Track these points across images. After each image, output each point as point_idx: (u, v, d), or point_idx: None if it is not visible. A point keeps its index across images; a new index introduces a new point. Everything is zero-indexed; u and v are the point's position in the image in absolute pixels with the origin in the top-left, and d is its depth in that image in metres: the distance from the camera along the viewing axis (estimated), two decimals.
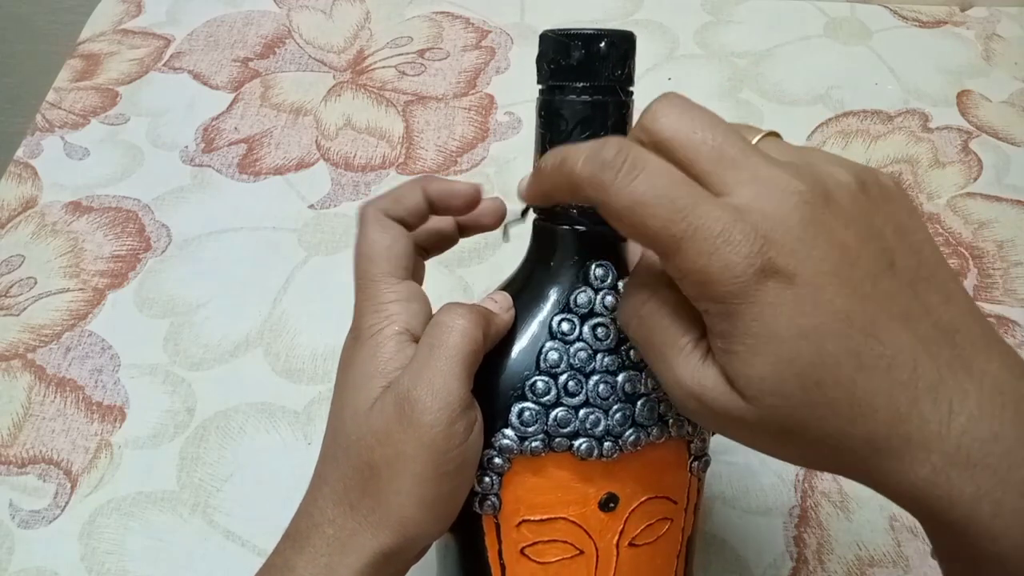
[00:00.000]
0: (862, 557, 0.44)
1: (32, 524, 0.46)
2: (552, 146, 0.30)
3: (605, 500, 0.31)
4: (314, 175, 0.62)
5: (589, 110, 0.31)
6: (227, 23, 0.72)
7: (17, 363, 0.52)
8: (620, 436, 0.31)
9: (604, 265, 0.32)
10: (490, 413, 0.31)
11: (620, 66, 0.31)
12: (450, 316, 0.29)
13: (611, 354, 0.31)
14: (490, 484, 0.31)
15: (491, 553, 0.32)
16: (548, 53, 0.31)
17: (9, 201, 0.60)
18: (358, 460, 0.29)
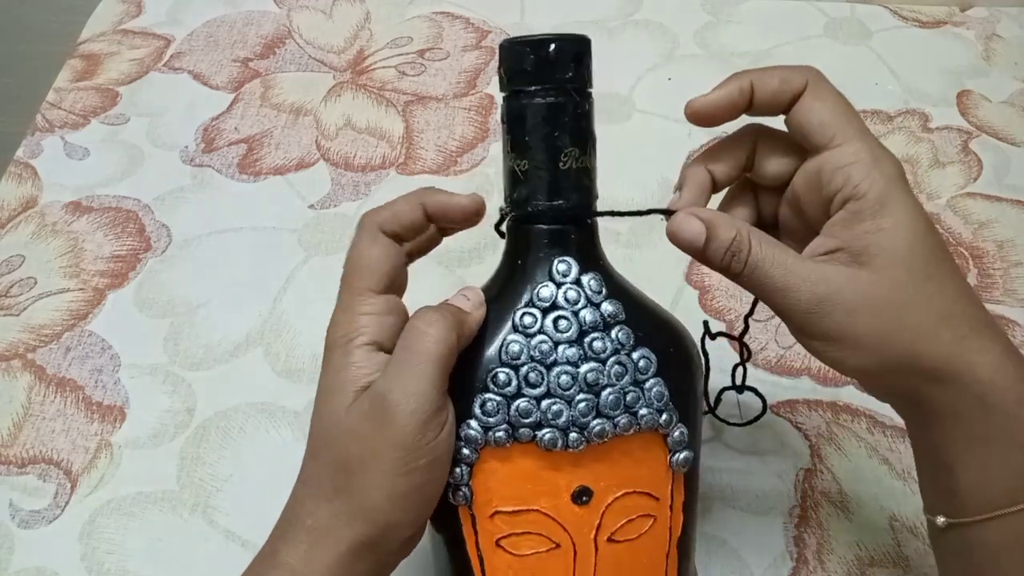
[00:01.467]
0: (862, 557, 0.44)
1: (32, 524, 0.46)
2: (518, 148, 0.33)
3: (578, 492, 0.32)
4: (314, 175, 0.62)
5: (546, 111, 0.32)
6: (227, 23, 0.72)
7: (17, 363, 0.52)
8: (585, 427, 0.32)
9: (566, 261, 0.33)
10: (459, 406, 0.32)
11: (571, 68, 0.32)
12: (424, 322, 0.31)
13: (573, 345, 0.32)
14: (460, 475, 0.32)
15: (469, 544, 0.33)
16: (505, 61, 0.33)
17: (9, 201, 0.60)
18: (334, 459, 0.31)
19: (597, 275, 0.33)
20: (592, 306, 0.32)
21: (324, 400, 0.32)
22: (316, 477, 0.31)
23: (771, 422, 0.49)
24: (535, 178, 0.33)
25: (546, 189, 0.33)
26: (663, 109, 0.65)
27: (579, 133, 0.33)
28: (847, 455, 0.48)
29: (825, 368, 0.51)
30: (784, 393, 0.50)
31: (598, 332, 0.32)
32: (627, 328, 0.33)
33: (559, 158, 0.33)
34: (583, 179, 0.33)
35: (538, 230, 0.33)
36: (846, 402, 0.50)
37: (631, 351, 0.32)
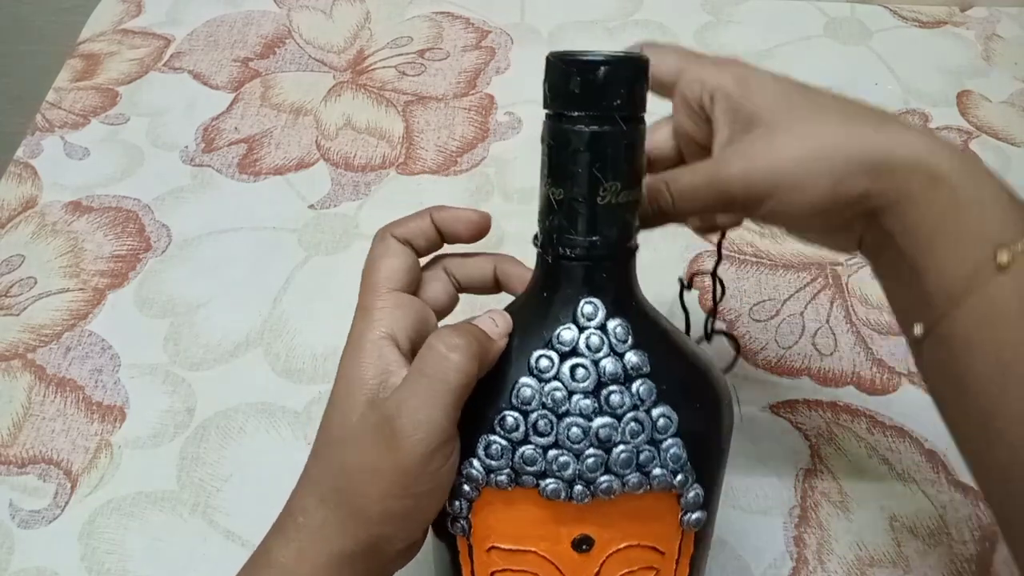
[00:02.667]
0: (862, 557, 0.44)
1: (32, 524, 0.46)
2: (556, 175, 0.30)
3: (578, 540, 0.31)
4: (314, 175, 0.62)
5: (589, 140, 0.29)
6: (227, 23, 0.72)
7: (17, 363, 0.52)
8: (592, 482, 0.30)
9: (593, 303, 0.31)
10: (463, 441, 0.30)
11: (621, 94, 0.29)
12: (447, 345, 0.29)
13: (588, 397, 0.30)
14: (460, 508, 0.31)
15: (465, 571, 0.32)
16: (549, 78, 0.30)
17: (9, 201, 0.60)
18: (336, 462, 0.31)
19: (625, 321, 0.31)
20: (615, 355, 0.30)
21: (334, 403, 0.31)
22: (316, 477, 0.31)
23: (771, 422, 0.49)
24: (570, 210, 0.30)
25: (581, 224, 0.30)
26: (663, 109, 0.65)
27: (624, 165, 0.30)
28: (847, 455, 0.48)
29: (825, 368, 0.51)
30: (784, 393, 0.50)
31: (617, 385, 0.30)
32: (650, 382, 0.30)
33: (598, 192, 0.30)
34: (624, 215, 0.31)
35: (568, 266, 0.31)
36: (846, 402, 0.50)
37: (651, 407, 0.30)
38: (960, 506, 0.46)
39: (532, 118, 0.65)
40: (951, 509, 0.46)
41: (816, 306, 0.54)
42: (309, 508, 0.31)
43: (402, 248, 0.33)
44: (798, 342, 0.53)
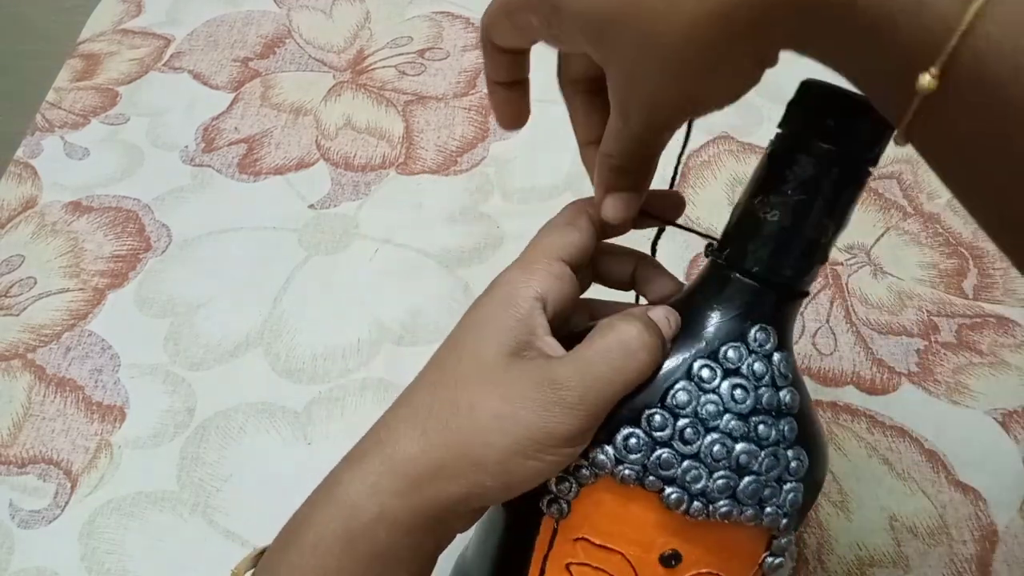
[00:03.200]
0: (862, 557, 0.44)
1: (32, 524, 0.46)
2: (765, 193, 0.29)
3: (668, 556, 0.30)
4: (314, 175, 0.62)
5: (835, 177, 0.29)
6: (227, 23, 0.72)
7: (17, 363, 0.52)
8: (714, 502, 0.29)
9: (767, 330, 0.30)
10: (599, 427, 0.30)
11: (872, 142, 0.29)
12: (636, 342, 0.29)
13: (740, 419, 0.29)
14: (567, 490, 0.30)
15: (537, 554, 0.31)
16: (804, 100, 0.30)
17: (9, 201, 0.60)
18: (460, 397, 0.29)
19: (789, 358, 0.31)
20: (774, 388, 0.30)
21: (470, 337, 0.30)
22: (425, 407, 0.29)
23: None
24: (779, 237, 0.30)
25: (785, 252, 0.30)
26: None
27: (843, 210, 0.30)
28: (847, 455, 0.48)
29: (825, 368, 0.51)
30: None
31: (769, 417, 0.30)
32: (795, 424, 0.30)
33: (812, 226, 0.29)
34: (818, 256, 0.30)
35: (749, 286, 0.30)
36: (846, 402, 0.50)
37: (789, 447, 0.30)
38: (960, 506, 0.46)
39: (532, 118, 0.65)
40: (951, 509, 0.46)
41: (816, 306, 0.54)
42: (403, 440, 0.29)
43: (591, 230, 0.33)
44: (798, 342, 0.53)
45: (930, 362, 0.52)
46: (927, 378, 0.51)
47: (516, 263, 0.32)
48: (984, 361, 0.52)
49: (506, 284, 0.31)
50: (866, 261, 0.57)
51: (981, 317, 0.54)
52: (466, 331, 0.31)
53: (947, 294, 0.55)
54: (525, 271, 0.31)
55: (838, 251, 0.57)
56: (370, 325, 0.54)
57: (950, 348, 0.52)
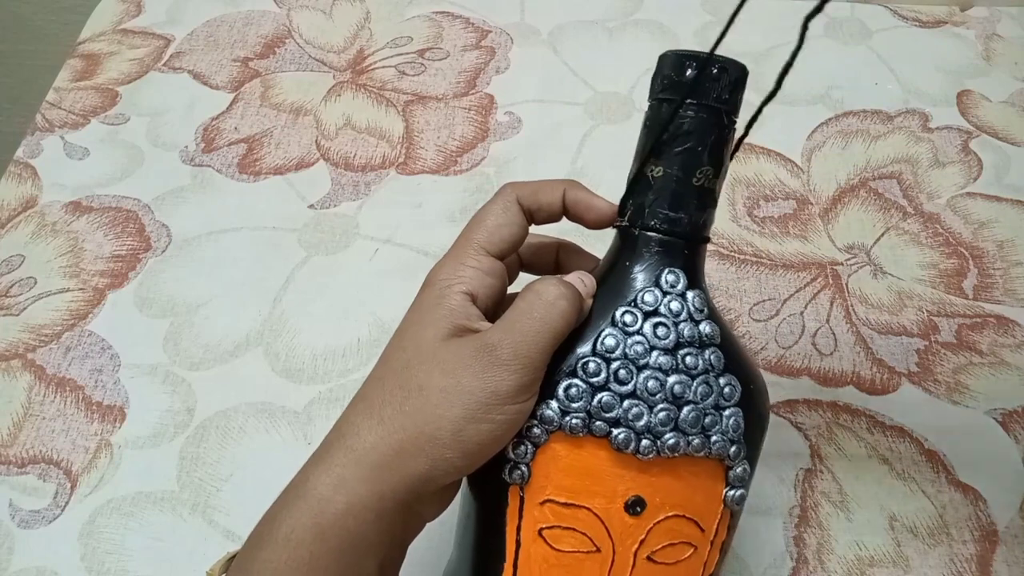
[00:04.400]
0: (862, 557, 0.44)
1: (32, 524, 0.46)
2: (657, 154, 0.33)
3: (632, 502, 0.32)
4: (314, 175, 0.62)
5: (697, 125, 0.33)
6: (227, 23, 0.72)
7: (17, 363, 0.52)
8: (660, 436, 0.31)
9: (675, 272, 0.33)
10: (543, 386, 0.32)
11: (728, 92, 0.33)
12: (556, 293, 0.31)
13: (667, 354, 0.32)
14: (524, 452, 0.32)
15: (510, 527, 0.32)
16: (666, 69, 0.34)
17: (9, 201, 0.60)
18: (408, 381, 0.31)
19: (701, 294, 0.33)
20: (692, 322, 0.33)
21: (410, 330, 0.32)
22: (377, 400, 0.31)
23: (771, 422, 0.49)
24: (667, 187, 0.33)
25: (674, 200, 0.33)
26: None
27: (718, 155, 0.33)
28: (847, 455, 0.48)
29: (825, 368, 0.51)
30: (784, 393, 0.50)
31: (693, 348, 0.32)
32: (719, 352, 0.33)
33: (695, 173, 0.33)
34: (708, 200, 0.34)
35: (654, 237, 0.33)
36: (846, 402, 0.50)
37: (719, 375, 0.32)
38: (960, 506, 0.46)
39: (532, 118, 0.65)
40: (951, 509, 0.46)
41: (816, 306, 0.54)
42: (363, 431, 0.30)
43: (519, 217, 0.34)
44: (798, 342, 0.53)
45: (930, 362, 0.52)
46: (927, 378, 0.51)
47: (447, 256, 0.33)
48: (984, 361, 0.52)
49: (438, 282, 0.33)
50: (866, 261, 0.57)
51: (981, 317, 0.54)
52: (406, 326, 0.33)
53: (947, 294, 0.55)
54: (455, 268, 0.33)
55: (838, 251, 0.57)
56: (370, 325, 0.54)
57: (950, 348, 0.52)
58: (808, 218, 0.59)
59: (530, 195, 0.34)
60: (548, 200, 0.34)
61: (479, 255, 0.33)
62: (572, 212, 0.35)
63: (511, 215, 0.34)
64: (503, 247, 0.34)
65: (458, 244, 0.34)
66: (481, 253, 0.33)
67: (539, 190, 0.34)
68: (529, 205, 0.34)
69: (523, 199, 0.34)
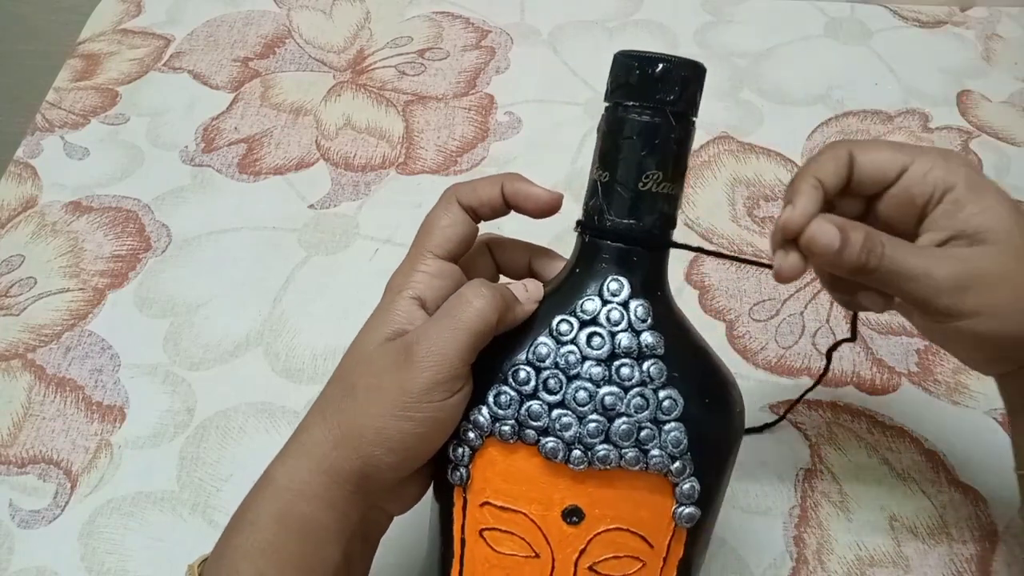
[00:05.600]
0: (862, 557, 0.44)
1: (32, 524, 0.46)
2: (604, 160, 0.33)
3: (568, 511, 0.32)
4: (314, 175, 0.62)
5: (638, 128, 0.32)
6: (227, 23, 0.72)
7: (17, 363, 0.52)
8: (591, 448, 0.31)
9: (619, 280, 0.32)
10: (477, 390, 0.32)
11: (675, 91, 0.32)
12: (472, 292, 0.32)
13: (600, 364, 0.31)
14: (461, 455, 0.32)
15: (456, 525, 0.33)
16: (613, 71, 0.33)
17: (9, 201, 0.60)
18: (348, 382, 0.33)
19: (647, 303, 0.32)
20: (632, 332, 0.32)
21: (359, 336, 0.34)
22: (326, 398, 0.33)
23: (770, 422, 0.49)
24: (612, 193, 0.33)
25: (621, 206, 0.32)
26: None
27: (668, 158, 0.32)
28: (847, 455, 0.48)
29: None
30: (784, 393, 0.50)
31: (630, 359, 0.32)
32: (661, 364, 0.32)
33: (640, 178, 0.32)
34: (661, 204, 0.33)
35: (603, 245, 0.33)
36: (846, 402, 0.50)
37: (659, 388, 0.31)
38: (960, 506, 0.46)
39: (532, 118, 0.65)
40: (951, 509, 0.46)
41: (816, 306, 0.54)
42: (311, 427, 0.33)
43: (463, 217, 0.35)
44: (798, 342, 0.53)
45: (930, 362, 0.52)
46: (927, 378, 0.51)
47: (402, 263, 0.35)
48: None
49: (388, 291, 0.34)
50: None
51: None
52: (360, 333, 0.34)
53: None
54: (405, 275, 0.34)
55: None
56: None
57: None
58: None
59: (469, 193, 0.35)
60: (488, 195, 0.35)
61: (427, 259, 0.34)
62: (513, 204, 0.35)
63: (454, 215, 0.35)
64: (450, 247, 0.34)
65: (410, 251, 0.35)
66: (430, 257, 0.34)
67: (477, 187, 0.35)
68: (470, 202, 0.35)
69: (463, 198, 0.35)
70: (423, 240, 0.35)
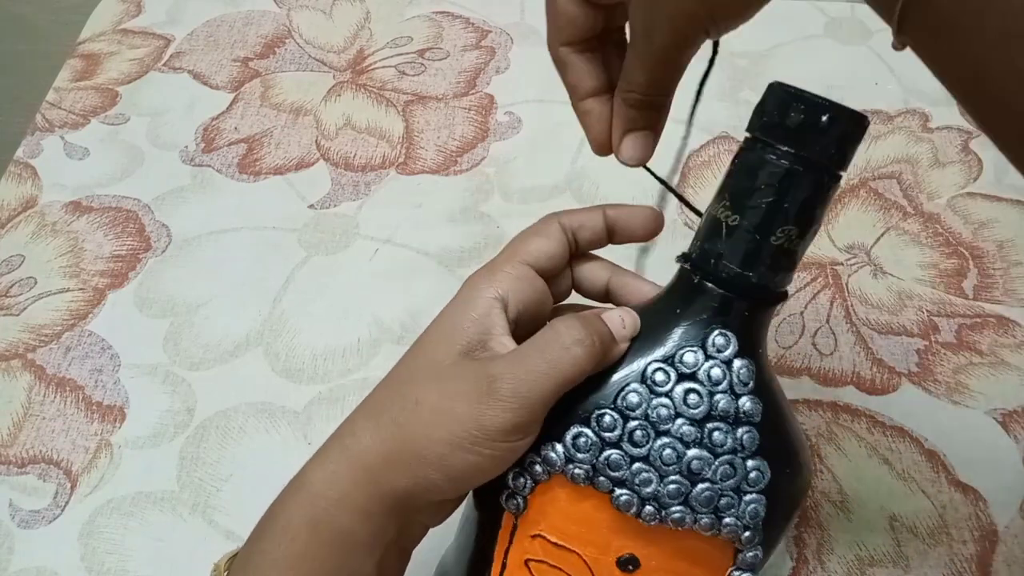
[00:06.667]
0: (862, 557, 0.44)
1: (32, 524, 0.46)
2: (736, 200, 0.30)
3: (625, 560, 0.30)
4: (314, 175, 0.62)
5: (786, 178, 0.29)
6: (227, 23, 0.72)
7: (17, 363, 0.52)
8: (666, 507, 0.29)
9: (726, 335, 0.30)
10: (551, 421, 0.30)
11: (835, 145, 0.29)
12: (571, 338, 0.29)
13: (692, 425, 0.29)
14: (522, 485, 0.31)
15: (499, 547, 0.32)
16: (768, 105, 0.30)
17: (9, 201, 0.60)
18: (411, 396, 0.30)
19: (751, 365, 0.30)
20: (732, 395, 0.30)
21: (424, 343, 0.32)
22: (378, 406, 0.31)
23: None
24: (739, 239, 0.30)
25: (744, 256, 0.30)
26: None
27: (808, 214, 0.29)
28: (847, 455, 0.48)
29: (825, 368, 0.51)
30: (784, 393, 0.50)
31: (725, 424, 0.29)
32: (755, 433, 0.30)
33: (775, 231, 0.29)
34: (787, 261, 0.30)
35: (712, 291, 0.30)
36: (846, 402, 0.50)
37: (748, 457, 0.30)
38: (960, 506, 0.46)
39: (532, 118, 0.65)
40: (951, 509, 0.46)
41: (816, 306, 0.54)
42: (359, 432, 0.31)
43: (560, 236, 0.34)
44: (798, 342, 0.53)
45: (930, 362, 0.52)
46: (927, 378, 0.51)
47: (483, 267, 0.33)
48: (984, 361, 0.52)
49: (468, 287, 0.32)
50: (866, 261, 0.57)
51: (981, 317, 0.54)
52: (428, 332, 0.32)
53: (947, 294, 0.55)
54: (488, 274, 0.33)
55: (838, 251, 0.57)
56: (370, 325, 0.54)
57: (950, 348, 0.52)
58: None
59: (569, 215, 0.34)
60: (588, 217, 0.34)
61: (515, 263, 0.33)
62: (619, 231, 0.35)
63: (550, 232, 0.34)
64: (540, 259, 0.33)
65: (497, 257, 0.33)
66: (514, 260, 0.33)
67: (578, 216, 0.34)
68: (570, 223, 0.34)
69: (563, 219, 0.34)
70: (514, 247, 0.33)
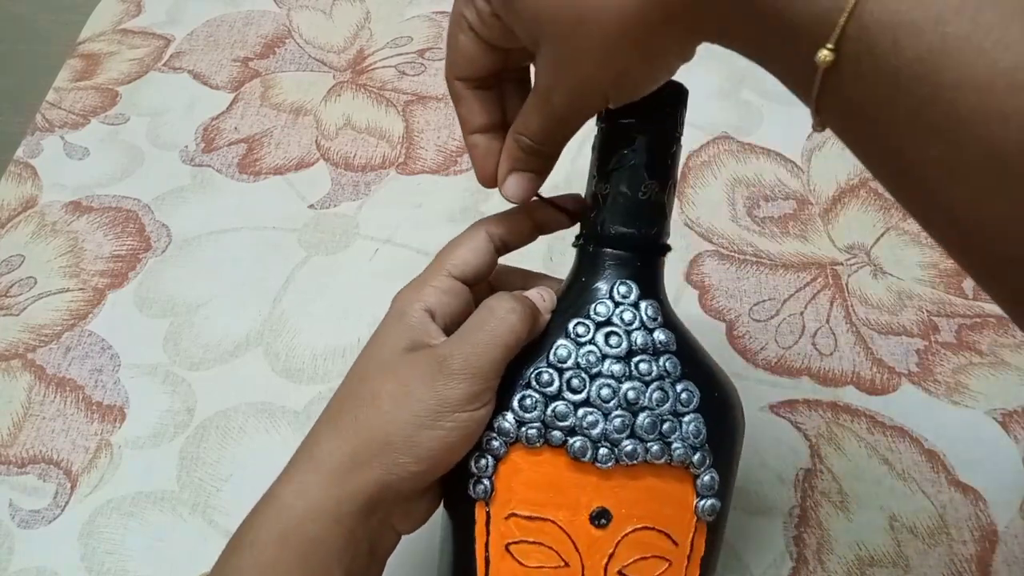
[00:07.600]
0: (862, 557, 0.44)
1: (32, 524, 0.46)
2: (604, 173, 0.35)
3: (597, 514, 0.32)
4: (314, 175, 0.62)
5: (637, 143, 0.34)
6: (227, 23, 0.72)
7: (17, 363, 0.52)
8: (617, 444, 0.32)
9: (627, 284, 0.34)
10: (499, 399, 0.32)
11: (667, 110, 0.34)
12: (505, 308, 0.32)
13: (619, 362, 0.32)
14: (485, 466, 0.32)
15: (479, 544, 0.33)
16: None
17: (9, 201, 0.60)
18: (364, 390, 0.32)
19: (655, 303, 0.34)
20: (645, 330, 0.33)
21: (371, 346, 0.34)
22: (336, 412, 0.33)
23: (771, 422, 0.49)
24: (614, 204, 0.34)
25: (623, 216, 0.34)
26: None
27: (663, 168, 0.34)
28: (847, 455, 0.48)
29: (825, 368, 0.51)
30: (784, 393, 0.50)
31: (646, 355, 0.33)
32: (675, 359, 0.33)
33: (640, 188, 0.34)
34: (658, 213, 0.35)
35: (607, 253, 0.35)
36: (846, 402, 0.50)
37: (675, 381, 0.33)
38: (960, 506, 0.46)
39: None
40: (951, 509, 0.46)
41: (816, 306, 0.54)
42: (322, 440, 0.32)
43: (487, 246, 0.35)
44: (798, 342, 0.53)
45: (930, 362, 0.52)
46: (927, 378, 0.51)
47: (411, 282, 0.35)
48: (984, 361, 0.52)
49: (398, 301, 0.34)
50: (866, 261, 0.57)
51: (981, 317, 0.54)
52: (368, 344, 0.34)
53: (947, 294, 0.55)
54: (416, 288, 0.34)
55: (838, 251, 0.57)
56: (370, 325, 0.53)
57: (950, 348, 0.52)
58: (808, 218, 0.59)
59: (496, 221, 0.36)
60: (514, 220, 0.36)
61: (441, 276, 0.34)
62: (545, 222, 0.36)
63: (476, 241, 0.35)
64: (466, 270, 0.35)
65: (426, 270, 0.35)
66: (444, 276, 0.34)
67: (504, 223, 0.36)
68: (496, 230, 0.36)
69: (489, 227, 0.36)
70: (440, 259, 0.35)
